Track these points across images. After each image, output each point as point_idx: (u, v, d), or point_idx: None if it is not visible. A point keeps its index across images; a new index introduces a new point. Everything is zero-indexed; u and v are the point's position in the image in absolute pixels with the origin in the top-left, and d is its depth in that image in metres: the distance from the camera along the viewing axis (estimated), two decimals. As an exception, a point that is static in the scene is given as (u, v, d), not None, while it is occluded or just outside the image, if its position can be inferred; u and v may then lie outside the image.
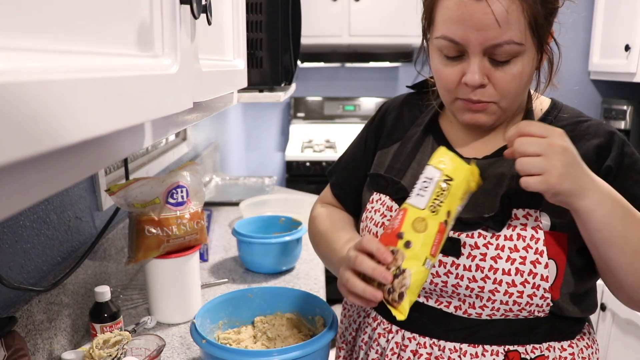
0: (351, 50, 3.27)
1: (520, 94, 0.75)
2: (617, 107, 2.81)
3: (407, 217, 0.69)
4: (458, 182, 0.70)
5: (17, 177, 0.27)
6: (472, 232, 0.75)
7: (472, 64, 0.71)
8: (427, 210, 0.69)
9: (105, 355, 0.87)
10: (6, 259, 0.88)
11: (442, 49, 0.73)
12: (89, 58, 0.33)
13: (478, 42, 0.69)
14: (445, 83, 0.75)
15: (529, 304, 0.74)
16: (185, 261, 1.15)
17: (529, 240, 0.73)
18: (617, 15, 2.69)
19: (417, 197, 0.70)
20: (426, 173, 0.71)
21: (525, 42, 0.69)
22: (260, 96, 1.29)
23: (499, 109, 0.75)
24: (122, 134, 0.43)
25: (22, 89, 0.24)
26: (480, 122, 0.77)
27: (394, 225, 0.70)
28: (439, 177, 0.70)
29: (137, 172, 1.52)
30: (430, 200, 0.69)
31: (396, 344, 0.83)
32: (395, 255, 0.68)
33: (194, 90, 0.56)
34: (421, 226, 0.69)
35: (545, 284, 0.73)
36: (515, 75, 0.71)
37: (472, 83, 0.71)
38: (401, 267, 0.67)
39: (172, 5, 0.48)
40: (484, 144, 0.82)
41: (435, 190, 0.69)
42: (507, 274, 0.73)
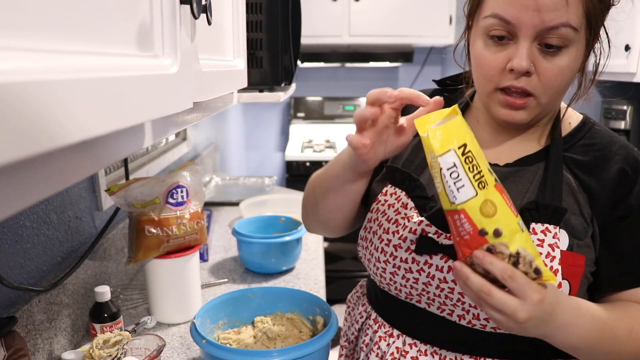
0: (351, 50, 3.27)
1: (561, 92, 0.71)
2: (617, 107, 2.81)
3: (471, 214, 0.61)
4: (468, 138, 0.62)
5: (17, 177, 0.27)
6: None
7: (520, 48, 0.66)
8: (479, 191, 0.60)
9: (105, 355, 0.87)
10: (6, 259, 0.88)
11: (489, 29, 0.69)
12: (88, 58, 0.33)
13: (533, 23, 0.64)
14: (487, 69, 0.70)
15: None
16: (185, 261, 1.15)
17: (545, 257, 0.69)
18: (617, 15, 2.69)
19: (460, 191, 0.61)
20: (444, 165, 0.61)
21: (580, 31, 0.66)
22: (260, 96, 1.29)
23: (538, 106, 0.70)
24: (122, 134, 0.43)
25: (22, 89, 0.24)
26: (517, 120, 0.71)
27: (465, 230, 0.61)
28: (457, 157, 0.61)
29: (137, 172, 1.52)
30: (472, 180, 0.60)
31: (397, 349, 0.82)
32: (496, 250, 0.60)
33: (194, 90, 0.56)
34: (489, 208, 0.60)
35: None
36: (563, 68, 0.67)
37: (519, 68, 0.66)
38: (512, 253, 0.60)
39: (172, 5, 0.48)
40: (508, 150, 0.78)
41: (466, 168, 0.60)
42: None
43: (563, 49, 0.66)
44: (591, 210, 0.72)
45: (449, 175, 0.61)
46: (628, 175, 0.72)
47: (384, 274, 0.80)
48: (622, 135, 2.80)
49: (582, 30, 0.66)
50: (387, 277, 0.80)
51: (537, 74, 0.68)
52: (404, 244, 0.77)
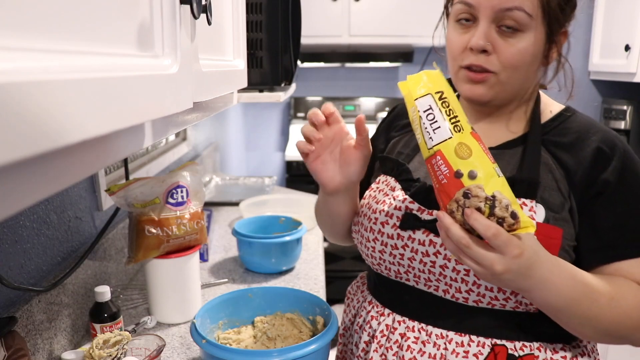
0: (351, 50, 3.26)
1: (520, 72, 0.76)
2: (617, 107, 2.81)
3: (446, 155, 0.64)
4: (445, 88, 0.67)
5: (17, 177, 0.27)
6: None
7: (479, 28, 0.74)
8: (454, 133, 0.64)
9: (105, 355, 0.87)
10: (6, 259, 0.88)
11: (457, 14, 0.78)
12: (88, 58, 0.33)
13: (490, 4, 0.73)
14: (453, 50, 0.79)
15: (514, 293, 0.74)
16: (185, 261, 1.15)
17: None
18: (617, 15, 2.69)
19: (436, 132, 0.65)
20: (421, 107, 0.65)
21: (535, 18, 0.73)
22: (260, 96, 1.29)
23: (498, 83, 0.77)
24: (122, 134, 0.43)
25: (21, 89, 0.24)
26: (478, 94, 0.78)
27: (442, 173, 0.64)
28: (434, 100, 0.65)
29: (137, 172, 1.52)
30: (448, 122, 0.64)
31: (386, 326, 0.86)
32: (472, 196, 0.62)
33: (194, 90, 0.56)
34: (464, 151, 0.63)
35: None
36: (520, 49, 0.74)
37: (475, 46, 0.74)
38: (489, 196, 0.62)
39: (172, 5, 0.48)
40: (489, 135, 0.84)
41: (443, 111, 0.65)
42: None
43: (519, 32, 0.74)
44: (568, 186, 0.76)
45: (425, 117, 0.65)
46: (604, 152, 0.76)
47: (374, 253, 0.86)
48: (622, 135, 2.80)
49: (537, 19, 0.73)
50: (377, 256, 0.85)
51: (496, 53, 0.75)
52: (390, 221, 0.83)
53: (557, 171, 0.77)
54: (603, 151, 0.76)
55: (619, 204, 0.76)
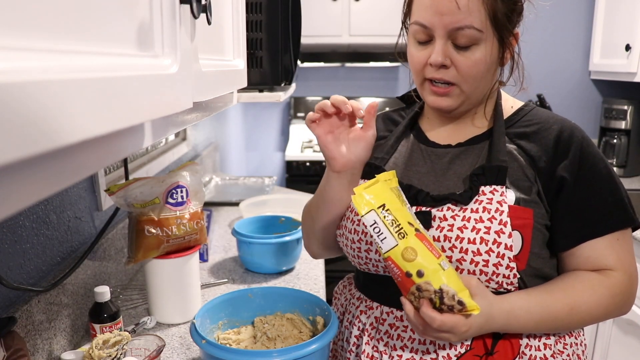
0: (351, 50, 3.26)
1: (481, 80, 0.83)
2: (618, 107, 2.81)
3: (395, 260, 0.74)
4: (387, 199, 0.76)
5: (17, 177, 0.27)
6: (442, 206, 0.82)
7: (436, 46, 0.80)
8: (399, 240, 0.74)
9: (105, 355, 0.87)
10: (6, 259, 0.87)
11: (415, 34, 0.84)
12: (88, 58, 0.33)
13: (442, 25, 0.78)
14: (416, 65, 0.85)
15: (495, 273, 0.79)
16: (185, 261, 1.15)
17: (494, 212, 0.79)
18: (618, 15, 2.69)
19: (383, 242, 0.74)
20: (367, 223, 0.75)
21: (485, 31, 0.79)
22: (260, 96, 1.29)
23: (462, 93, 0.83)
24: (121, 134, 0.43)
25: (21, 89, 0.24)
26: (443, 105, 0.85)
27: (395, 274, 0.75)
28: (377, 215, 0.75)
29: (137, 172, 1.52)
30: (392, 232, 0.74)
31: (375, 318, 0.90)
32: (423, 290, 0.73)
33: (194, 90, 0.56)
34: (410, 253, 0.73)
35: (509, 252, 0.78)
36: (476, 60, 0.80)
37: (434, 62, 0.81)
38: (436, 289, 0.72)
39: (172, 5, 0.48)
40: (456, 133, 0.91)
41: (386, 223, 0.74)
42: (472, 242, 0.78)
43: (473, 46, 0.80)
44: (534, 171, 0.83)
45: (372, 231, 0.75)
46: (564, 139, 0.83)
47: (359, 254, 0.89)
48: (622, 135, 2.80)
49: (487, 30, 0.79)
50: (363, 256, 0.89)
51: (454, 66, 0.81)
52: None
53: (522, 159, 0.84)
54: (563, 138, 0.83)
55: (581, 189, 0.82)
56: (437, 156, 0.90)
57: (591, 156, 0.83)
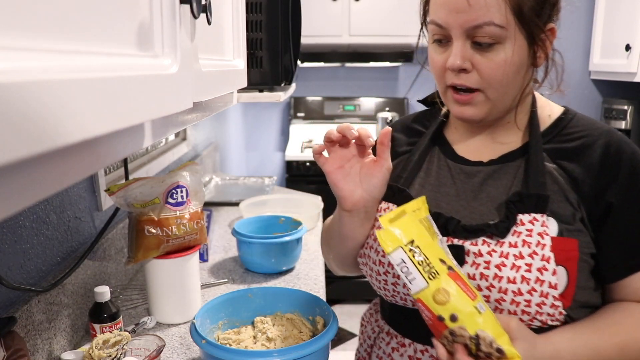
0: (351, 50, 3.26)
1: (508, 85, 0.73)
2: (618, 107, 2.81)
3: (426, 303, 0.67)
4: (416, 234, 0.68)
5: (17, 177, 0.27)
6: (476, 239, 0.74)
7: (454, 48, 0.72)
8: (430, 281, 0.66)
9: (105, 355, 0.87)
10: (6, 259, 0.87)
11: (432, 34, 0.76)
12: (88, 58, 0.33)
13: (458, 24, 0.70)
14: (436, 70, 0.77)
15: (539, 313, 0.71)
16: (185, 261, 1.15)
17: (535, 246, 0.70)
18: (618, 15, 2.69)
19: (412, 282, 0.67)
20: (394, 262, 0.68)
21: (509, 27, 0.69)
22: (260, 96, 1.29)
23: (487, 100, 0.74)
24: (122, 134, 0.43)
25: (21, 89, 0.24)
26: (468, 115, 0.76)
27: (427, 316, 0.68)
28: (405, 253, 0.68)
29: (137, 172, 1.52)
30: (422, 272, 0.67)
31: (409, 357, 0.82)
32: (457, 335, 0.66)
33: (194, 90, 0.56)
34: (442, 295, 0.66)
35: (554, 291, 0.69)
36: (500, 62, 0.71)
37: (452, 66, 0.72)
38: (472, 336, 0.65)
39: (172, 5, 0.48)
40: (487, 146, 0.82)
41: (415, 262, 0.67)
42: (512, 282, 0.70)
43: (496, 45, 0.70)
44: (577, 195, 0.73)
45: (400, 270, 0.68)
46: (612, 156, 0.74)
47: (386, 286, 0.81)
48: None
49: (512, 26, 0.69)
50: (390, 289, 0.81)
51: (476, 70, 0.72)
52: None
53: (563, 182, 0.74)
54: (610, 155, 0.74)
55: (630, 214, 0.74)
56: (467, 175, 0.81)
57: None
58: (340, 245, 0.89)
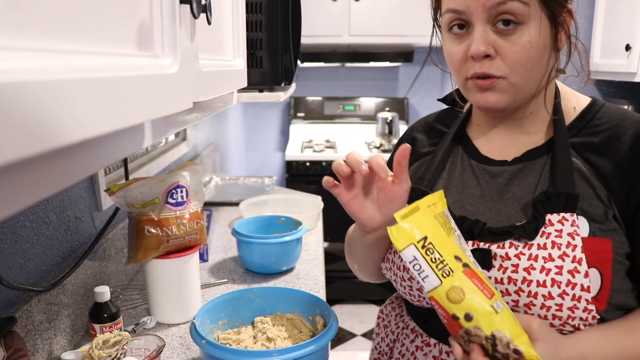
0: (351, 50, 3.27)
1: (532, 69, 0.70)
2: (617, 107, 2.81)
3: (440, 301, 0.65)
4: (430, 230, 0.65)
5: (17, 177, 0.27)
6: (503, 242, 0.71)
7: (476, 34, 0.69)
8: (443, 279, 0.64)
9: (105, 355, 0.87)
10: (6, 259, 0.87)
11: (448, 24, 0.73)
12: (88, 58, 0.33)
13: (480, 4, 0.67)
14: (455, 62, 0.73)
15: (570, 317, 0.67)
16: (185, 261, 1.15)
17: (565, 247, 0.67)
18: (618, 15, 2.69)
19: (425, 280, 0.65)
20: (406, 259, 0.65)
21: (532, 5, 0.66)
22: (260, 96, 1.29)
23: (510, 86, 0.70)
24: (122, 134, 0.43)
25: (21, 89, 0.24)
26: (492, 102, 0.72)
27: (441, 315, 0.67)
28: (417, 250, 0.64)
29: (137, 172, 1.52)
30: (435, 270, 0.64)
31: (434, 357, 0.80)
32: (472, 335, 0.64)
33: (194, 90, 0.56)
34: (456, 294, 0.63)
35: (586, 294, 0.66)
36: (524, 44, 0.67)
37: (476, 53, 0.69)
38: (488, 336, 0.63)
39: (172, 5, 0.48)
40: (511, 143, 0.79)
41: (427, 260, 0.64)
42: (542, 285, 0.67)
43: (519, 26, 0.67)
44: (607, 191, 0.70)
45: (412, 268, 0.65)
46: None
47: (412, 292, 0.80)
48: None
49: (534, 4, 0.67)
50: (416, 294, 0.79)
51: (499, 55, 0.69)
52: None
53: (592, 178, 0.71)
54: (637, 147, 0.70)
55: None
56: (492, 176, 0.78)
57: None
58: (363, 256, 0.87)
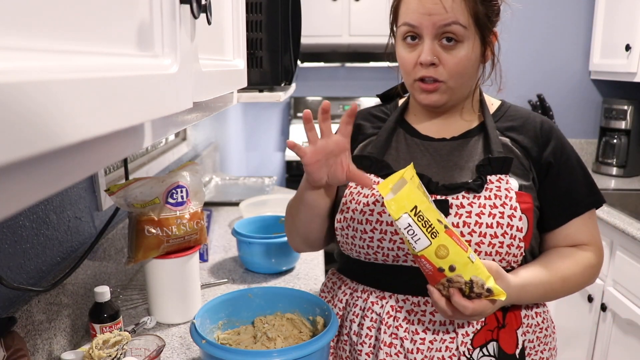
0: (351, 50, 3.26)
1: (466, 77, 0.90)
2: (618, 107, 2.80)
3: (429, 258, 0.79)
4: (418, 200, 0.79)
5: (17, 177, 0.27)
6: (457, 194, 0.89)
7: (425, 46, 0.87)
8: (432, 239, 0.78)
9: (105, 355, 0.87)
10: (6, 259, 0.87)
11: (403, 34, 0.90)
12: (88, 58, 0.33)
13: (431, 23, 0.85)
14: (406, 66, 0.91)
15: (507, 253, 0.87)
16: (185, 261, 1.15)
17: (505, 198, 0.88)
18: (618, 15, 2.69)
19: (417, 242, 0.78)
20: (402, 226, 0.78)
21: (469, 28, 0.86)
22: (260, 96, 1.29)
23: (449, 89, 0.90)
24: (121, 134, 0.43)
25: (21, 89, 0.24)
26: (433, 101, 0.91)
27: (427, 269, 0.80)
28: (411, 218, 0.78)
29: (137, 172, 1.52)
30: (426, 233, 0.78)
31: (391, 307, 0.93)
32: (454, 282, 0.79)
33: (193, 90, 0.56)
34: (442, 251, 0.78)
35: (520, 234, 0.87)
36: (462, 57, 0.87)
37: (424, 61, 0.87)
38: (467, 281, 0.79)
39: (172, 5, 0.48)
40: (446, 127, 0.98)
41: (419, 225, 0.78)
42: (490, 227, 0.86)
43: (458, 43, 0.87)
44: (529, 160, 0.93)
45: (406, 233, 0.79)
46: (546, 129, 0.96)
47: (371, 243, 0.91)
48: (622, 135, 2.80)
49: (470, 27, 0.86)
50: (375, 245, 0.91)
51: (442, 64, 0.88)
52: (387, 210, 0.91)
53: (516, 149, 0.94)
54: (545, 128, 0.95)
55: (564, 173, 0.94)
56: (435, 149, 0.96)
57: (567, 145, 0.96)
58: (304, 214, 0.99)
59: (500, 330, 0.91)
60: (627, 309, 1.98)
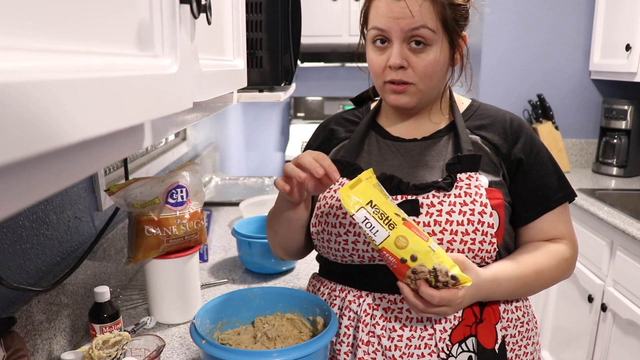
0: (351, 50, 3.26)
1: (435, 79, 0.91)
2: (618, 106, 2.80)
3: (390, 250, 0.81)
4: (373, 195, 0.82)
5: (17, 177, 0.27)
6: (427, 194, 0.90)
7: (394, 49, 0.88)
8: (390, 231, 0.81)
9: (104, 355, 0.87)
10: (5, 259, 0.87)
11: (372, 38, 0.91)
12: (88, 58, 0.33)
13: (399, 27, 0.87)
14: (375, 68, 0.92)
15: (480, 249, 0.89)
16: (185, 261, 1.15)
17: (475, 195, 0.89)
18: (618, 15, 2.69)
19: (376, 235, 0.81)
20: (359, 220, 0.82)
21: (437, 32, 0.87)
22: (260, 96, 1.29)
23: (418, 91, 0.92)
24: (121, 134, 0.43)
25: (21, 89, 0.24)
26: (403, 103, 0.93)
27: (391, 262, 0.82)
28: (367, 211, 0.81)
29: (137, 172, 1.52)
30: (383, 225, 0.81)
31: (368, 305, 0.93)
32: (418, 272, 0.81)
33: (193, 90, 0.56)
34: (402, 241, 0.81)
35: (491, 230, 0.88)
36: (430, 60, 0.88)
37: (393, 64, 0.88)
38: (430, 270, 0.80)
39: (172, 5, 0.48)
40: (416, 128, 1.00)
41: (376, 218, 0.81)
42: (461, 224, 0.87)
43: (427, 47, 0.88)
44: (499, 157, 0.95)
45: (365, 227, 0.82)
46: (515, 126, 0.97)
47: (346, 246, 0.93)
48: (622, 135, 2.80)
49: (439, 31, 0.88)
50: (349, 248, 0.93)
51: (411, 67, 0.89)
52: None
53: (486, 146, 0.95)
54: (514, 125, 0.97)
55: (535, 168, 0.96)
56: (406, 150, 0.98)
57: (536, 140, 0.98)
58: (285, 228, 1.01)
59: (479, 325, 0.91)
60: (628, 309, 1.98)
